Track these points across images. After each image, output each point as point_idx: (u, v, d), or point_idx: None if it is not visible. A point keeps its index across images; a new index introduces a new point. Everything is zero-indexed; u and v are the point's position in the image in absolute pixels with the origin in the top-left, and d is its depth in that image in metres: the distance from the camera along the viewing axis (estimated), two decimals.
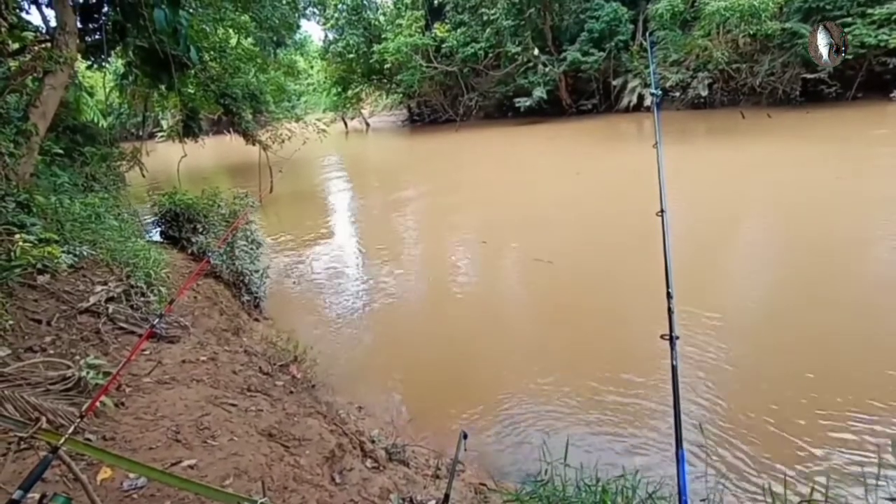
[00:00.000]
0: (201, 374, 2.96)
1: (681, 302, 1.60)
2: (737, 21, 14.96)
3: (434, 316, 5.34)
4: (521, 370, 3.92)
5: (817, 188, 8.19)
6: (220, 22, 8.87)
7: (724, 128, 15.65)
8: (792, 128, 14.21)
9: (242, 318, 4.63)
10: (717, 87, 19.13)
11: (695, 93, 18.91)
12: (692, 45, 16.74)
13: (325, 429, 2.50)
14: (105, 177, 6.23)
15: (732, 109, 17.72)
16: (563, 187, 10.64)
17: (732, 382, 3.51)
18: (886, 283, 4.88)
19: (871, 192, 7.59)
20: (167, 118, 14.60)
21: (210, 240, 5.28)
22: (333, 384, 3.84)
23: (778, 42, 16.64)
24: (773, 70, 17.56)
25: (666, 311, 1.52)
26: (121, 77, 5.17)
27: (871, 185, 8.05)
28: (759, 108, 17.50)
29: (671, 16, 16.60)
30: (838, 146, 11.11)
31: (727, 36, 15.96)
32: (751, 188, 8.82)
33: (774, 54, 17.21)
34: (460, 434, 1.96)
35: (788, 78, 17.49)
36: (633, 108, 21.54)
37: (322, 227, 9.43)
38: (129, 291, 3.58)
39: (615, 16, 20.79)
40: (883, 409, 3.05)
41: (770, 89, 17.98)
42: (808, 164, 9.85)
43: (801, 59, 16.53)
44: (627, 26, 21.02)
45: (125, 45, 5.10)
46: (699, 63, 17.69)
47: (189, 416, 2.42)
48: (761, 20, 14.67)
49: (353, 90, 30.02)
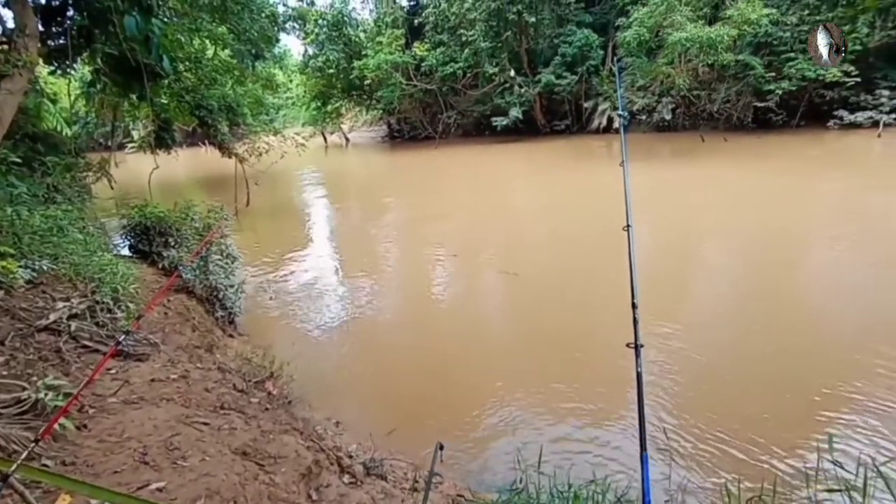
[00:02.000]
0: (171, 392, 2.84)
1: (644, 311, 1.70)
2: (696, 51, 16.02)
3: (411, 329, 5.37)
4: (496, 381, 4.00)
5: (767, 204, 9.11)
6: (197, 32, 8.75)
7: (687, 150, 16.81)
8: (746, 151, 15.52)
9: (216, 334, 4.47)
10: (679, 111, 20.42)
11: (659, 116, 20.05)
12: (657, 71, 17.73)
13: (301, 445, 2.43)
14: (69, 188, 5.95)
15: (693, 133, 19.09)
16: (537, 203, 11.15)
17: (693, 386, 3.70)
18: (831, 286, 5.47)
19: (810, 207, 8.83)
20: (138, 128, 14.17)
21: (182, 254, 5.13)
22: (311, 400, 3.76)
23: (732, 72, 17.99)
24: (728, 98, 19.06)
25: (631, 320, 1.61)
26: (88, 84, 4.88)
27: (811, 201, 9.29)
28: (717, 132, 18.92)
29: (638, 43, 17.43)
30: (784, 168, 12.44)
31: (688, 64, 17.06)
32: (709, 204, 9.70)
33: (730, 83, 18.67)
34: (436, 446, 1.98)
35: (742, 106, 19.05)
36: (603, 129, 22.55)
37: (300, 242, 9.30)
38: (94, 308, 3.41)
39: (586, 42, 21.84)
40: (825, 409, 3.32)
41: (726, 115, 19.45)
42: (760, 183, 10.91)
43: (753, 88, 18.15)
44: (598, 52, 22.07)
45: (93, 51, 4.85)
46: (663, 89, 18.78)
47: (158, 437, 2.31)
48: (718, 51, 15.72)
49: (333, 105, 30.00)
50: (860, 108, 17.10)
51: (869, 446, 2.97)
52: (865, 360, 3.85)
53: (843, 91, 16.96)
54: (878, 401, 3.38)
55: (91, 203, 6.71)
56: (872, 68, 16.81)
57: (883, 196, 9.08)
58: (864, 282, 5.46)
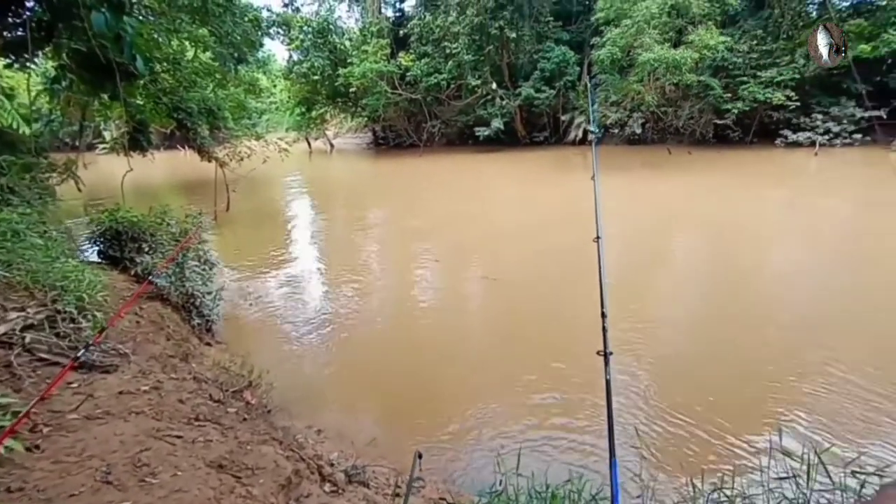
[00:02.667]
0: (142, 405, 2.66)
1: (613, 319, 1.83)
2: (663, 71, 17.20)
3: (392, 336, 5.33)
4: (476, 387, 4.07)
5: (725, 210, 10.28)
6: (175, 33, 8.51)
7: (655, 162, 18.01)
8: (707, 163, 16.98)
9: (192, 342, 4.27)
10: (648, 126, 21.67)
11: (631, 130, 21.14)
12: (628, 88, 18.81)
13: (280, 455, 2.30)
14: (28, 190, 5.59)
15: (661, 146, 20.62)
16: (515, 213, 11.50)
17: (659, 390, 3.85)
18: (779, 282, 6.35)
19: (761, 213, 10.01)
20: (111, 129, 13.67)
21: (157, 260, 4.89)
22: (291, 408, 3.63)
23: (695, 92, 19.39)
24: (692, 115, 20.55)
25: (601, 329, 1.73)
26: (52, 81, 4.52)
27: (762, 207, 10.52)
28: (683, 146, 20.37)
29: (611, 62, 18.41)
30: (740, 178, 13.97)
31: (656, 83, 18.25)
32: (676, 211, 10.65)
33: (693, 102, 20.15)
34: (415, 454, 2.04)
35: (704, 122, 20.66)
36: (579, 141, 23.43)
37: (281, 247, 9.10)
38: (53, 318, 3.18)
39: (564, 58, 22.82)
40: (778, 407, 3.56)
41: (690, 131, 20.96)
42: (719, 192, 12.29)
43: (713, 107, 19.91)
44: (574, 68, 23.06)
45: (56, 46, 4.51)
46: (634, 104, 19.87)
47: (124, 454, 2.14)
48: (682, 72, 16.96)
49: (318, 111, 29.76)
50: (801, 129, 19.00)
51: (815, 433, 3.26)
52: (813, 356, 4.23)
53: (786, 113, 18.91)
54: (821, 392, 3.73)
55: (55, 206, 6.37)
56: (809, 95, 18.76)
57: (820, 202, 10.82)
58: (809, 280, 6.34)
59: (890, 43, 16.24)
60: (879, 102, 17.97)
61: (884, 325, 4.95)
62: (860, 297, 5.65)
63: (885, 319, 5.06)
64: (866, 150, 17.61)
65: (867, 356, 4.15)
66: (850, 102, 18.50)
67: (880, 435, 3.20)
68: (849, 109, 18.44)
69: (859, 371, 3.91)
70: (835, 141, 18.37)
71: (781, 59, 18.76)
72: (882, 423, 3.32)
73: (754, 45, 19.32)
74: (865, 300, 5.55)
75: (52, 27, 4.14)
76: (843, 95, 18.65)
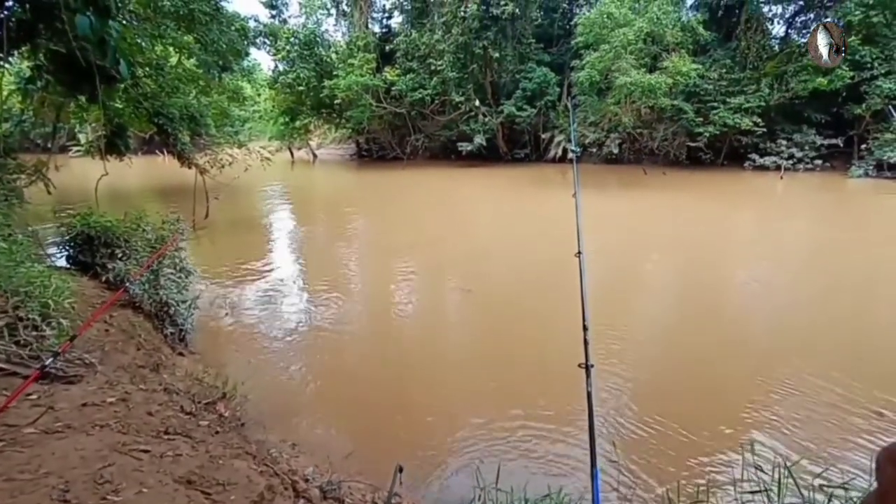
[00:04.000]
0: (107, 417, 2.54)
1: (594, 332, 1.86)
2: (639, 94, 17.92)
3: (370, 349, 5.26)
4: (455, 401, 4.03)
5: (697, 229, 10.84)
6: (160, 39, 8.39)
7: (631, 181, 18.72)
8: (681, 183, 17.74)
9: (164, 352, 4.11)
10: (625, 146, 22.53)
11: (608, 150, 21.89)
12: (606, 109, 19.52)
13: (253, 470, 2.22)
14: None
15: (637, 166, 21.45)
16: (497, 227, 11.71)
17: (638, 402, 3.91)
18: (747, 298, 6.56)
19: (733, 233, 10.64)
20: (86, 131, 13.22)
21: (131, 266, 4.72)
22: (266, 421, 3.51)
23: (669, 115, 20.36)
24: (666, 137, 21.59)
25: (582, 341, 1.74)
26: (26, 81, 4.32)
27: (731, 227, 11.22)
28: (657, 166, 21.30)
29: (590, 84, 19.13)
30: (712, 200, 14.72)
31: (633, 105, 18.95)
32: (650, 230, 11.00)
33: (667, 124, 21.17)
34: (395, 468, 1.99)
35: (677, 144, 21.76)
36: (558, 159, 24.22)
37: (260, 257, 8.93)
38: (14, 325, 3.03)
39: (545, 79, 23.63)
40: (749, 418, 3.67)
41: (665, 152, 21.96)
42: (692, 211, 12.94)
43: (686, 130, 21.04)
44: (555, 88, 23.92)
45: (34, 46, 4.38)
46: (612, 125, 20.63)
47: (85, 470, 2.03)
48: (657, 96, 17.75)
49: (302, 121, 29.63)
50: (767, 153, 20.27)
51: (787, 445, 3.34)
52: (782, 368, 4.37)
53: (754, 138, 20.13)
54: (790, 404, 3.85)
55: (22, 208, 6.10)
56: (774, 122, 20.04)
57: (785, 224, 11.39)
58: (776, 294, 6.65)
59: (843, 78, 17.59)
60: (836, 132, 19.38)
61: (845, 334, 5.27)
62: (823, 310, 6.00)
63: (846, 329, 5.40)
64: (826, 175, 18.84)
65: (831, 366, 4.33)
66: (811, 130, 19.78)
67: (846, 447, 3.30)
68: (810, 137, 19.70)
69: (825, 381, 4.07)
70: (798, 166, 19.56)
71: (748, 88, 19.98)
72: (846, 433, 3.44)
73: (724, 73, 20.55)
74: (828, 312, 5.91)
75: (32, 27, 4.02)
76: (804, 123, 19.90)
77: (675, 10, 19.80)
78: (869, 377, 4.11)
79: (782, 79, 19.47)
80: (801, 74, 18.83)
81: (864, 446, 3.26)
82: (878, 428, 3.49)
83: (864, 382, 4.01)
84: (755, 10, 20.48)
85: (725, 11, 21.45)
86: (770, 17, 22.10)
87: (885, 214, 12.52)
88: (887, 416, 3.61)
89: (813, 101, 19.11)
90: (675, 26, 18.96)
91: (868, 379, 4.07)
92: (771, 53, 20.74)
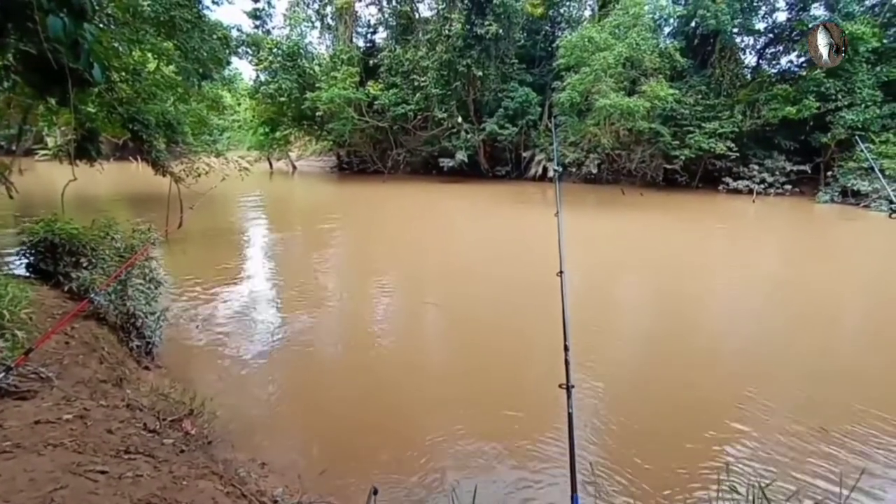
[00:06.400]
0: (62, 436, 2.38)
1: (575, 352, 1.83)
2: (618, 116, 18.65)
3: (344, 365, 5.13)
4: (432, 421, 3.93)
5: (672, 250, 11.11)
6: (138, 44, 8.22)
7: (609, 201, 19.37)
8: (657, 204, 18.42)
9: (129, 366, 3.91)
10: (604, 166, 23.28)
11: (587, 170, 22.56)
12: (586, 130, 20.17)
13: (219, 491, 2.12)
14: None
15: (615, 186, 22.26)
16: (477, 244, 11.73)
17: (615, 420, 3.92)
18: (728, 319, 6.73)
19: (707, 254, 11.07)
20: (55, 135, 12.71)
21: (96, 276, 4.51)
22: (234, 439, 3.36)
23: (647, 137, 21.19)
24: (644, 158, 22.50)
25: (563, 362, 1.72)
26: None
27: (705, 248, 11.69)
28: (635, 187, 22.07)
29: (570, 105, 19.74)
30: (687, 222, 15.25)
31: (612, 127, 19.70)
32: (627, 249, 11.32)
33: (645, 146, 22.02)
34: (370, 490, 1.94)
35: (654, 166, 22.74)
36: (538, 177, 24.89)
37: (234, 268, 8.71)
38: None
39: (526, 98, 24.32)
40: (724, 435, 3.70)
41: (642, 173, 22.90)
42: (669, 232, 13.30)
43: (662, 152, 21.97)
44: (536, 108, 24.64)
45: (2, 45, 4.24)
46: (591, 146, 21.30)
47: (34, 493, 1.89)
48: (635, 118, 18.48)
49: (282, 132, 29.39)
50: (740, 177, 21.42)
51: (761, 466, 3.36)
52: (756, 388, 4.43)
53: (728, 162, 21.27)
54: (762, 424, 3.90)
55: None
56: (747, 147, 21.21)
57: (756, 244, 12.12)
58: (748, 313, 6.93)
59: (810, 108, 18.84)
60: (804, 158, 20.61)
61: (814, 349, 5.52)
62: (794, 328, 6.28)
63: (814, 344, 5.68)
64: (795, 199, 19.96)
65: (801, 384, 4.50)
66: (781, 156, 20.95)
67: (814, 470, 3.32)
68: (780, 162, 20.86)
69: (793, 402, 4.22)
70: (769, 190, 20.66)
71: (723, 114, 21.06)
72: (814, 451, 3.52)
73: (699, 98, 21.62)
74: (798, 330, 6.21)
75: (1, 27, 3.88)
76: (775, 150, 21.07)
77: (654, 36, 20.78)
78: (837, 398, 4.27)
79: (754, 106, 20.63)
80: (772, 103, 20.05)
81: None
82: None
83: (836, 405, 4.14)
84: (728, 40, 21.68)
85: (701, 40, 22.64)
86: (742, 47, 23.56)
87: (848, 238, 13.40)
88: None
89: (783, 129, 20.26)
90: (654, 52, 19.87)
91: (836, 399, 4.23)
92: (744, 81, 22.01)
